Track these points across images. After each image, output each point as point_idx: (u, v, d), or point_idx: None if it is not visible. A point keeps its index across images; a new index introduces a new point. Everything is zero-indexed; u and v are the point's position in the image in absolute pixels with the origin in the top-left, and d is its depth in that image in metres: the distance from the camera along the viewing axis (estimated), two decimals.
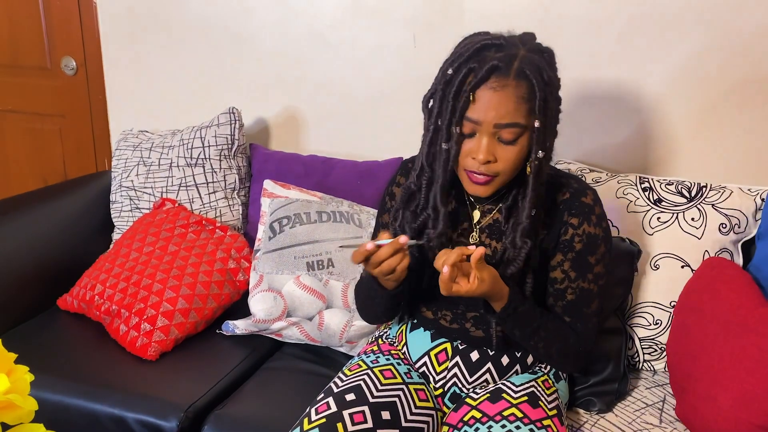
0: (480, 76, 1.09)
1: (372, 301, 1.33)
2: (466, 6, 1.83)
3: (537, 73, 1.10)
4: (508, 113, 1.10)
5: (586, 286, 1.25)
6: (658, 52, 1.69)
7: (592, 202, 1.24)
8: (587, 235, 1.23)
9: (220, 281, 1.71)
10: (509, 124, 1.11)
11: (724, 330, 1.32)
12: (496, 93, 1.09)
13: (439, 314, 1.34)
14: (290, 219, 1.67)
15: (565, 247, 1.24)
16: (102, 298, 1.68)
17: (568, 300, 1.26)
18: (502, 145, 1.13)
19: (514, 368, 1.33)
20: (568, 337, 1.26)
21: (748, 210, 1.54)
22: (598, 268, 1.25)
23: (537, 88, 1.09)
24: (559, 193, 1.25)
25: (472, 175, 1.16)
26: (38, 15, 2.33)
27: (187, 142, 1.95)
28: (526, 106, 1.10)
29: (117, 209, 2.01)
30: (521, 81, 1.09)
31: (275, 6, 2.01)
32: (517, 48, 1.12)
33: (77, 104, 2.40)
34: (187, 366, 1.57)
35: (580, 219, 1.23)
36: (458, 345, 1.33)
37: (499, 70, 1.09)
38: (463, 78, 1.10)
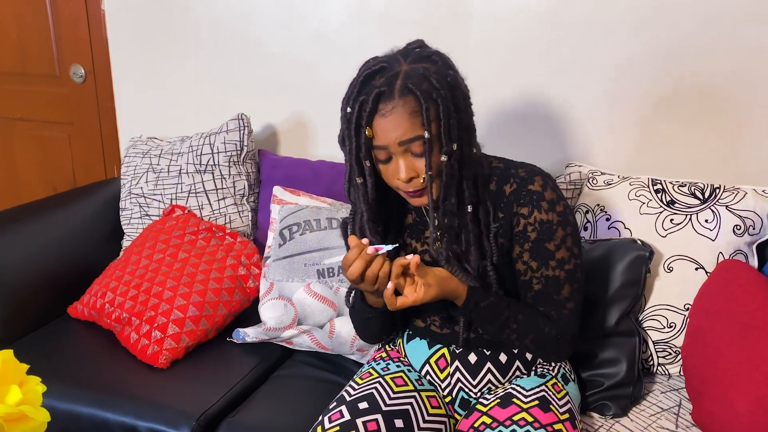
0: (369, 109, 1.13)
1: (366, 323, 1.35)
2: (474, 9, 1.82)
3: (421, 82, 1.11)
4: (406, 131, 1.13)
5: (551, 274, 1.23)
6: (655, 53, 1.68)
7: (540, 188, 1.22)
8: (539, 222, 1.21)
9: (231, 288, 1.71)
10: (411, 139, 1.13)
11: (740, 333, 1.30)
12: (387, 118, 1.13)
13: (428, 321, 1.34)
14: (300, 226, 1.67)
15: (520, 238, 1.23)
16: (112, 306, 1.67)
17: (535, 290, 1.25)
18: (418, 159, 1.15)
19: (515, 365, 1.31)
20: (541, 326, 1.24)
21: (762, 211, 1.52)
22: (560, 253, 1.22)
23: (422, 100, 1.10)
24: (507, 184, 1.24)
25: (407, 193, 1.20)
26: (47, 23, 2.34)
27: (196, 149, 1.95)
28: (420, 119, 1.12)
29: (126, 216, 2.02)
30: (407, 97, 1.12)
31: (282, 10, 2.01)
32: (399, 64, 1.14)
33: (86, 112, 2.41)
34: (198, 374, 1.57)
35: (530, 208, 1.21)
36: (455, 349, 1.32)
37: (383, 95, 1.12)
38: (358, 113, 1.14)
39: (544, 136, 1.84)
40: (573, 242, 1.24)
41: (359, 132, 1.15)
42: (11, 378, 0.75)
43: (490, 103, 1.84)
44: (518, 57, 1.81)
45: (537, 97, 1.82)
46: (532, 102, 1.83)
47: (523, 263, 1.24)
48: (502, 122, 1.85)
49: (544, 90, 1.81)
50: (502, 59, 1.82)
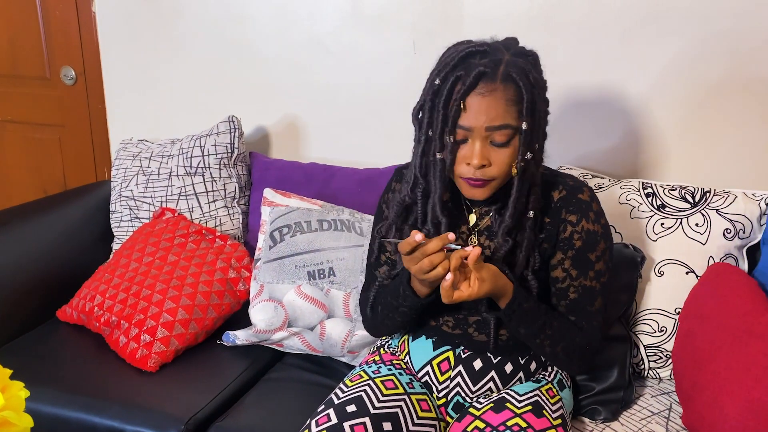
0: (468, 84, 1.10)
1: (395, 311, 1.28)
2: (465, 12, 1.82)
3: (523, 75, 1.11)
4: (498, 116, 1.11)
5: (588, 284, 1.24)
6: (652, 54, 1.68)
7: (589, 199, 1.24)
8: (586, 231, 1.22)
9: (221, 291, 1.70)
10: (500, 126, 1.12)
11: (730, 337, 1.30)
12: (485, 98, 1.11)
13: (441, 320, 1.32)
14: (291, 228, 1.66)
15: (564, 245, 1.24)
16: (102, 309, 1.66)
17: (571, 299, 1.25)
18: (494, 149, 1.14)
19: (518, 375, 1.31)
20: (574, 335, 1.25)
21: (752, 215, 1.52)
22: (599, 265, 1.24)
23: (524, 90, 1.10)
24: (555, 191, 1.24)
25: (469, 180, 1.17)
26: (37, 25, 2.32)
27: (186, 151, 1.94)
28: (515, 109, 1.11)
29: (117, 219, 2.00)
30: (508, 84, 1.11)
31: (274, 13, 2.01)
32: (502, 53, 1.13)
33: (77, 114, 2.39)
34: (187, 377, 1.56)
35: (578, 216, 1.22)
36: (461, 353, 1.31)
37: (486, 76, 1.10)
38: (451, 86, 1.11)
39: None
40: (610, 257, 1.26)
41: (448, 105, 1.12)
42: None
43: None
44: None
45: None
46: None
47: (563, 270, 1.25)
48: None
49: None
50: None
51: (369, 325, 1.40)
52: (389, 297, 1.29)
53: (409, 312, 1.27)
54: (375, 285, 1.35)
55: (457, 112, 1.12)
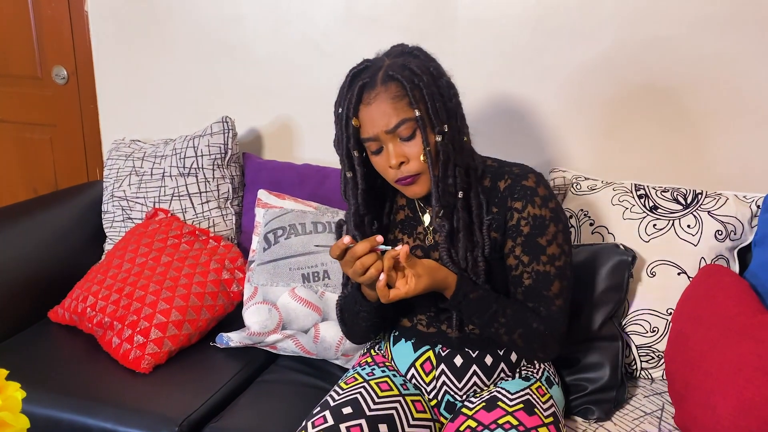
0: (354, 100, 1.18)
1: (357, 316, 1.34)
2: (459, 14, 1.83)
3: (402, 70, 1.17)
4: (389, 115, 1.17)
5: (542, 269, 1.24)
6: (643, 58, 1.70)
7: (534, 184, 1.25)
8: (533, 216, 1.24)
9: (214, 292, 1.69)
10: (397, 123, 1.17)
11: (722, 337, 1.31)
12: (371, 106, 1.18)
13: (414, 320, 1.34)
14: (285, 230, 1.66)
15: (513, 232, 1.25)
16: (94, 310, 1.66)
17: (525, 285, 1.26)
18: (407, 144, 1.19)
19: (500, 367, 1.31)
20: (530, 322, 1.24)
21: (743, 217, 1.54)
22: (551, 248, 1.24)
23: (404, 81, 1.15)
24: (501, 180, 1.27)
25: (400, 182, 1.22)
26: (29, 24, 2.31)
27: (179, 152, 1.93)
28: (404, 101, 1.17)
29: (109, 219, 2.00)
30: (389, 83, 1.17)
31: (268, 14, 2.01)
32: (382, 61, 1.21)
33: (68, 113, 2.38)
34: (181, 379, 1.55)
35: (524, 202, 1.24)
36: (440, 351, 1.32)
37: (367, 86, 1.18)
38: (347, 109, 1.20)
39: (528, 141, 1.85)
40: (564, 239, 1.26)
41: (348, 125, 1.20)
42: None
43: (474, 108, 1.84)
44: (503, 63, 1.82)
45: (521, 102, 1.83)
46: (517, 107, 1.84)
47: (514, 257, 1.26)
48: (487, 127, 1.86)
49: (528, 95, 1.82)
50: (487, 65, 1.83)
51: (344, 333, 1.44)
52: (351, 304, 1.34)
53: (369, 316, 1.31)
54: (342, 293, 1.41)
55: (354, 129, 1.20)
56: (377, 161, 1.23)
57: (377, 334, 1.42)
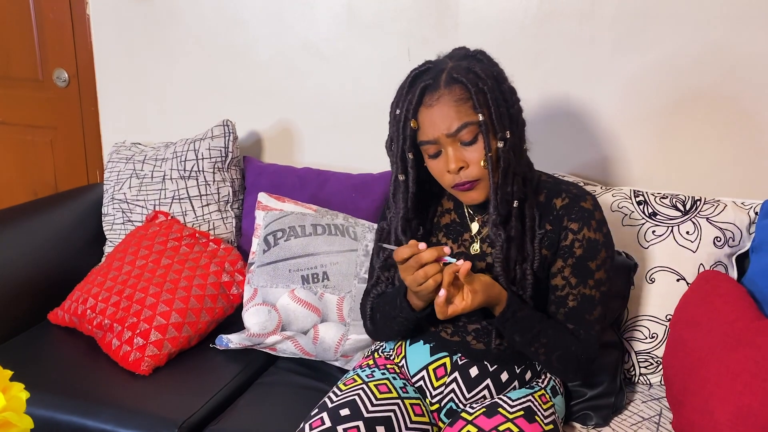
0: (415, 101, 1.15)
1: (393, 320, 1.30)
2: (460, 19, 1.84)
3: (466, 73, 1.14)
4: (452, 119, 1.14)
5: (588, 293, 1.25)
6: (640, 64, 1.71)
7: (591, 207, 1.24)
8: (587, 240, 1.23)
9: (214, 295, 1.70)
10: (460, 127, 1.14)
11: (720, 344, 1.32)
12: (433, 108, 1.14)
13: (440, 326, 1.33)
14: (285, 232, 1.66)
15: (565, 252, 1.24)
16: (94, 312, 1.66)
17: (570, 307, 1.26)
18: (466, 149, 1.16)
19: (513, 384, 1.32)
20: (569, 345, 1.25)
21: (742, 223, 1.55)
22: (599, 274, 1.25)
23: (469, 84, 1.13)
24: (558, 198, 1.25)
25: (457, 187, 1.19)
26: (30, 27, 2.31)
27: (180, 155, 1.94)
28: (467, 105, 1.14)
29: (109, 222, 2.00)
30: (452, 86, 1.14)
31: (269, 18, 2.01)
32: (445, 63, 1.18)
33: (69, 116, 2.38)
34: (180, 381, 1.55)
35: (580, 224, 1.23)
36: (458, 360, 1.31)
37: (429, 88, 1.15)
38: (406, 110, 1.16)
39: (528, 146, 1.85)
40: (610, 266, 1.27)
41: (405, 126, 1.17)
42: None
43: None
44: (504, 68, 1.82)
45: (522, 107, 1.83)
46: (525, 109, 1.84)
47: (563, 278, 1.25)
48: None
49: (528, 101, 1.82)
50: None
51: (369, 330, 1.41)
52: (387, 306, 1.31)
53: (406, 323, 1.29)
54: (374, 291, 1.37)
55: (411, 131, 1.16)
56: (434, 165, 1.19)
57: (404, 338, 1.39)
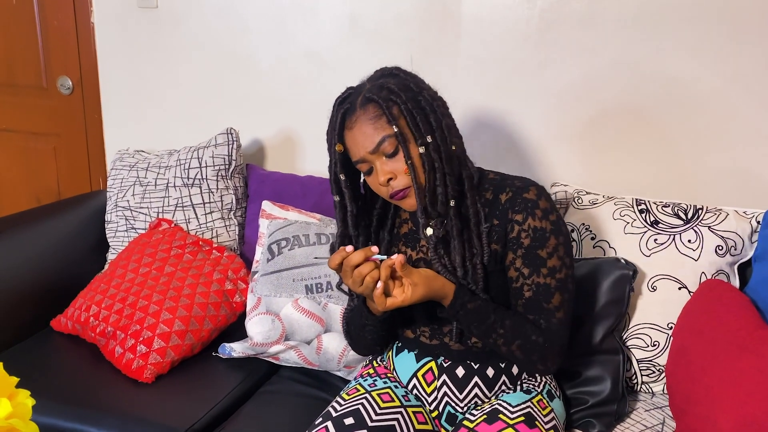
0: (337, 127, 1.24)
1: (363, 329, 1.35)
2: (462, 29, 1.85)
3: (379, 91, 1.21)
4: (370, 136, 1.20)
5: (542, 281, 1.25)
6: (640, 75, 1.72)
7: (535, 197, 1.25)
8: (533, 229, 1.24)
9: (217, 303, 1.70)
10: (378, 142, 1.20)
11: (723, 352, 1.32)
12: (352, 131, 1.22)
13: (418, 332, 1.35)
14: (289, 241, 1.67)
15: (513, 244, 1.26)
16: (97, 319, 1.66)
17: (526, 297, 1.26)
18: (392, 160, 1.22)
19: (501, 379, 1.32)
20: (529, 334, 1.25)
21: (744, 232, 1.55)
22: (552, 261, 1.25)
23: (381, 101, 1.19)
24: (502, 193, 1.27)
25: (393, 197, 1.25)
26: (35, 34, 2.33)
27: (184, 162, 1.94)
28: (382, 120, 1.20)
29: (112, 229, 2.00)
30: (366, 105, 1.21)
31: (272, 26, 2.03)
32: (362, 87, 1.25)
33: (72, 123, 2.40)
34: (183, 389, 1.56)
35: (524, 214, 1.24)
36: (442, 362, 1.33)
37: (348, 111, 1.23)
38: (331, 136, 1.26)
39: (530, 155, 1.86)
40: (565, 252, 1.27)
41: (333, 150, 1.26)
42: (0, 391, 0.75)
43: (478, 122, 1.86)
44: (504, 76, 1.84)
45: (523, 116, 1.85)
46: (518, 121, 1.85)
47: (515, 270, 1.26)
48: (489, 140, 1.88)
49: (529, 108, 1.84)
50: (489, 78, 1.85)
51: (350, 344, 1.46)
52: (356, 317, 1.36)
53: (374, 329, 1.33)
54: (347, 307, 1.43)
55: (339, 154, 1.25)
56: (370, 181, 1.26)
57: (382, 346, 1.42)
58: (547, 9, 1.76)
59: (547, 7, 1.76)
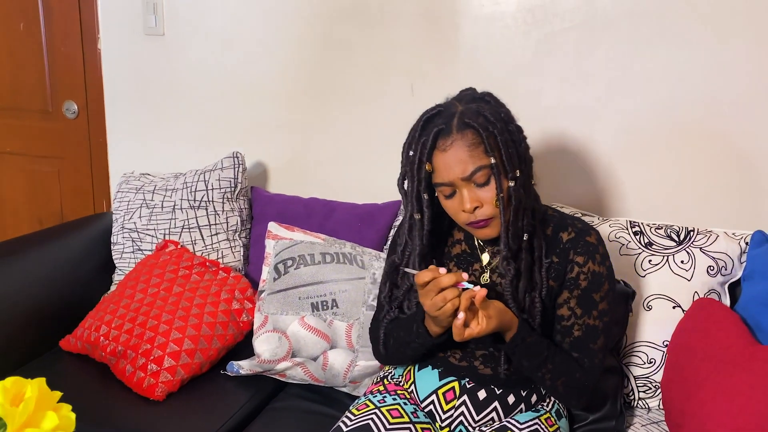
0: (429, 146, 1.22)
1: (407, 346, 1.35)
2: (460, 57, 1.92)
3: (477, 117, 1.20)
4: (466, 163, 1.20)
5: (592, 323, 1.31)
6: (632, 103, 1.80)
7: (596, 242, 1.32)
8: (592, 273, 1.30)
9: (225, 322, 1.74)
10: (473, 170, 1.21)
11: (715, 368, 1.38)
12: (447, 153, 1.21)
13: (448, 352, 1.38)
14: (295, 260, 1.72)
15: (571, 284, 1.31)
16: (108, 338, 1.69)
17: (575, 336, 1.32)
18: (482, 189, 1.22)
19: (519, 407, 1.37)
20: (574, 371, 1.31)
21: (733, 253, 1.62)
22: (602, 305, 1.31)
23: (481, 129, 1.19)
24: (564, 232, 1.32)
25: (472, 225, 1.26)
26: (42, 60, 2.38)
27: (190, 185, 1.99)
28: (479, 149, 1.20)
29: (118, 251, 2.04)
30: (464, 130, 1.20)
31: (275, 53, 2.08)
32: (455, 107, 1.24)
33: (77, 146, 2.44)
34: (193, 407, 1.59)
35: (585, 257, 1.30)
36: (466, 384, 1.37)
37: (442, 132, 1.21)
38: (420, 153, 1.23)
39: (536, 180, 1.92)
40: (613, 298, 1.34)
41: (420, 168, 1.23)
42: (44, 405, 0.79)
43: None
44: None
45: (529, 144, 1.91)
46: None
47: (568, 308, 1.32)
48: None
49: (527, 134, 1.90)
50: None
51: (380, 355, 1.46)
52: (402, 332, 1.36)
53: (420, 348, 1.34)
54: (387, 317, 1.41)
55: (426, 173, 1.23)
56: (450, 204, 1.26)
57: (414, 363, 1.44)
58: (542, 40, 1.84)
59: (542, 38, 1.84)
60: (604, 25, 1.78)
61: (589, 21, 1.79)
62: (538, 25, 1.84)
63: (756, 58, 1.69)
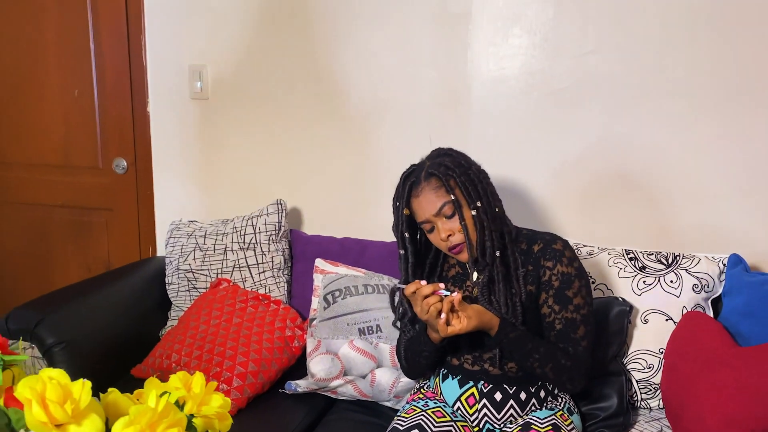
0: (405, 196, 1.57)
1: (420, 355, 1.65)
2: (472, 110, 2.22)
3: (438, 167, 1.54)
4: (434, 203, 1.54)
5: (570, 316, 1.59)
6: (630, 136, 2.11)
7: (562, 248, 1.61)
8: (561, 273, 1.59)
9: (280, 347, 1.99)
10: (440, 207, 1.53)
11: (705, 367, 1.66)
12: (419, 198, 1.55)
13: (462, 359, 1.66)
14: (342, 291, 1.98)
15: (545, 286, 1.60)
16: (179, 364, 1.93)
17: (557, 329, 1.60)
18: (451, 221, 1.54)
19: (531, 402, 1.63)
20: (560, 358, 1.57)
21: (714, 273, 1.91)
22: (577, 299, 1.59)
23: (440, 175, 1.53)
24: (535, 245, 1.62)
25: (451, 250, 1.57)
26: (94, 121, 2.62)
27: (239, 229, 2.26)
28: (442, 190, 1.53)
29: (174, 290, 2.29)
30: (430, 179, 1.55)
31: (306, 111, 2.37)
32: (424, 164, 1.59)
33: (125, 199, 2.66)
34: (261, 421, 1.82)
35: (554, 262, 1.59)
36: (482, 387, 1.63)
37: (414, 183, 1.57)
38: (401, 203, 1.58)
39: (537, 215, 2.20)
40: (586, 292, 1.61)
41: (401, 214, 1.58)
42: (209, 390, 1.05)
43: None
44: (510, 152, 2.19)
45: (528, 183, 2.20)
46: (525, 187, 2.20)
47: (548, 307, 1.60)
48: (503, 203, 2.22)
49: (535, 177, 2.19)
50: (497, 154, 2.17)
51: (404, 369, 1.76)
52: (414, 345, 1.67)
53: (430, 355, 1.64)
54: (404, 337, 1.72)
55: (406, 217, 1.58)
56: (432, 237, 1.59)
57: (432, 371, 1.73)
58: (543, 97, 2.15)
59: (542, 96, 2.15)
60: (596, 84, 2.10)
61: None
62: (538, 86, 2.15)
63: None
